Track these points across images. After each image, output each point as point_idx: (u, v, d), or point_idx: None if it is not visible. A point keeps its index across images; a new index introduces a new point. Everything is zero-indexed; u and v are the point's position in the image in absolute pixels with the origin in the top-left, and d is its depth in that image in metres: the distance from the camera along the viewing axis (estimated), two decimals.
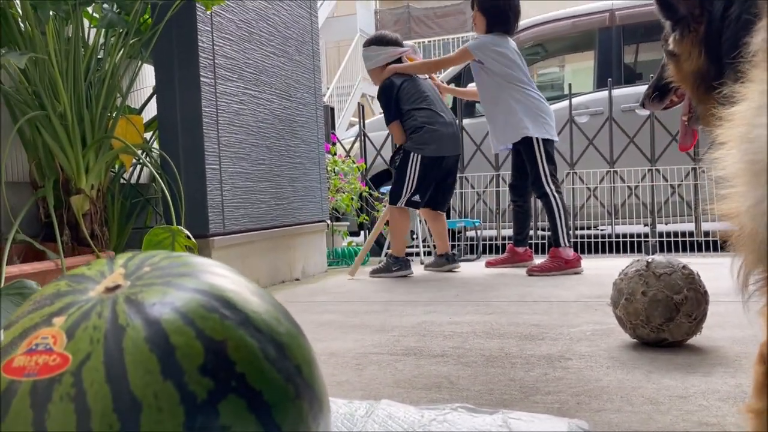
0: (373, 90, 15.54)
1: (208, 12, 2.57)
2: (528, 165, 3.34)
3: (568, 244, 3.30)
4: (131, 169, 2.95)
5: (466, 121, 4.90)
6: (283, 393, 0.56)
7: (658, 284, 1.51)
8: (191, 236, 2.21)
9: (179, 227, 2.18)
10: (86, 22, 2.62)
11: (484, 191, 4.87)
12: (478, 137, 4.72)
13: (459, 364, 1.51)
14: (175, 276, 0.59)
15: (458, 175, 4.78)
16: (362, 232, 5.35)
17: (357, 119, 5.21)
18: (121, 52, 2.56)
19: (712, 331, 1.69)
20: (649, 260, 1.56)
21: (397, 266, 3.40)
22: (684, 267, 1.55)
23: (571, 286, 2.73)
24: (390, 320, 2.11)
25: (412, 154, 3.35)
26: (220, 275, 0.62)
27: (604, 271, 3.27)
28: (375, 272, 3.46)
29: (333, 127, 5.12)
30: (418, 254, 4.36)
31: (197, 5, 2.59)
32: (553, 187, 3.33)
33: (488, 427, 0.94)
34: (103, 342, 0.52)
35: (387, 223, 3.65)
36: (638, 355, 1.52)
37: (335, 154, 4.66)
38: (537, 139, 3.32)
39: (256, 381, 0.55)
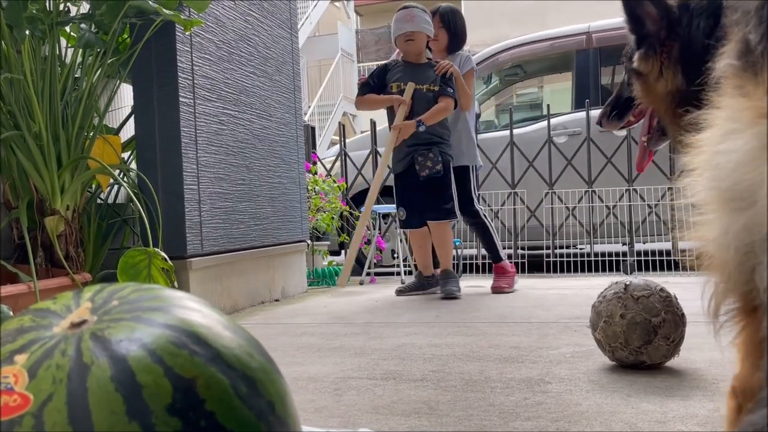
0: (354, 109, 15.52)
1: (187, 33, 2.56)
2: (459, 188, 3.35)
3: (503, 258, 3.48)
4: (108, 189, 2.91)
5: None
6: (254, 431, 0.55)
7: (636, 307, 1.52)
8: (168, 258, 2.18)
9: (155, 249, 2.15)
10: (63, 41, 2.60)
11: None
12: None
13: (438, 388, 1.50)
14: (144, 310, 0.58)
15: None
16: (342, 251, 5.33)
17: (338, 138, 5.22)
18: (99, 71, 2.54)
19: (690, 353, 1.70)
20: (628, 283, 1.57)
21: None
22: (662, 289, 1.56)
23: (551, 307, 2.74)
24: (370, 343, 2.09)
25: (450, 164, 3.29)
26: (191, 309, 0.60)
27: (583, 291, 3.28)
28: (410, 290, 3.39)
29: (314, 146, 5.12)
30: (398, 273, 4.34)
31: (176, 25, 2.58)
32: (481, 208, 3.51)
33: None
34: (66, 382, 0.51)
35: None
36: (617, 378, 1.52)
37: (316, 173, 4.65)
38: (473, 166, 3.50)
39: (227, 420, 0.53)
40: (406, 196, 3.37)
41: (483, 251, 4.69)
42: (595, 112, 4.76)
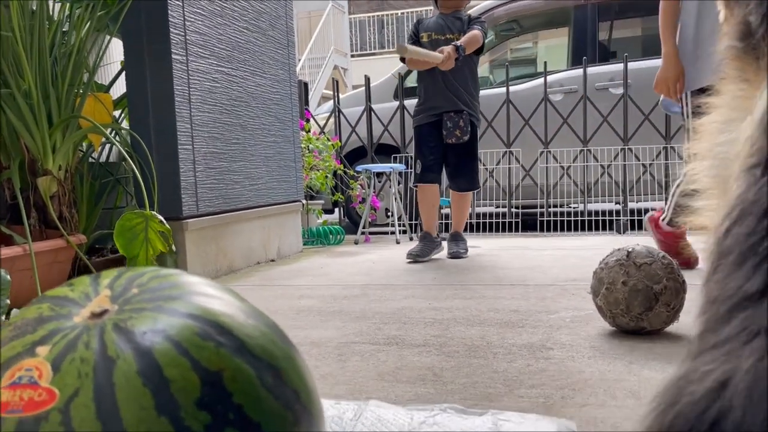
0: (345, 62, 15.23)
1: None
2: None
3: None
4: (100, 148, 2.86)
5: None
6: (281, 422, 0.54)
7: (638, 274, 1.52)
8: (164, 221, 2.16)
9: (152, 212, 2.13)
10: None
11: None
12: None
13: (441, 354, 1.51)
14: (165, 299, 0.56)
15: None
16: (336, 210, 5.32)
17: (329, 92, 5.14)
18: (88, 25, 2.46)
19: (688, 317, 1.71)
20: (630, 250, 1.57)
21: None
22: (664, 257, 1.56)
23: (547, 269, 2.75)
24: (370, 306, 2.10)
25: (477, 130, 3.30)
26: (212, 296, 0.59)
27: (577, 252, 3.31)
28: (425, 255, 3.18)
29: (306, 102, 5.04)
30: (392, 233, 4.35)
31: None
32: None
33: (478, 429, 0.93)
34: (92, 376, 0.49)
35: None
36: (618, 344, 1.54)
37: (309, 131, 4.59)
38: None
39: (254, 412, 0.52)
40: (427, 150, 3.26)
41: (479, 209, 4.71)
42: (593, 69, 4.72)
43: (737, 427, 0.38)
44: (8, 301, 1.87)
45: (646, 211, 4.65)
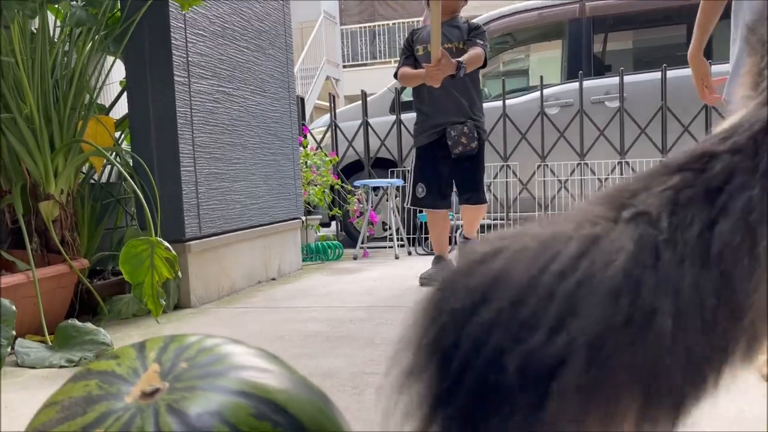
0: (337, 73, 15.21)
1: (184, 12, 2.47)
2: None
3: None
4: (101, 169, 2.84)
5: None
6: None
7: None
8: (170, 247, 2.14)
9: (158, 239, 2.11)
10: (50, 16, 2.48)
11: None
12: None
13: None
14: (216, 376, 0.55)
15: None
16: (333, 223, 5.30)
17: (322, 102, 5.14)
18: (89, 46, 2.44)
19: None
20: None
21: None
22: None
23: None
24: (377, 330, 2.08)
25: (484, 141, 3.12)
26: (262, 369, 0.58)
27: None
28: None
29: (303, 117, 5.03)
30: (391, 247, 4.34)
31: (169, 0, 2.48)
32: None
33: None
34: None
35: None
36: None
37: (307, 146, 4.58)
38: None
39: None
40: (431, 172, 3.06)
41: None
42: (588, 83, 4.74)
43: None
44: (13, 332, 1.85)
45: None
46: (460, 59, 2.80)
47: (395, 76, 3.08)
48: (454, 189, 3.22)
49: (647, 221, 0.49)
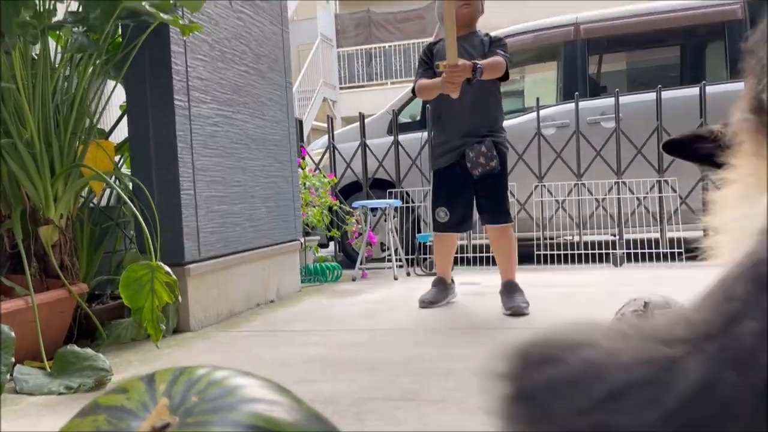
0: (334, 95, 15.36)
1: (185, 37, 2.49)
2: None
3: None
4: (101, 193, 2.84)
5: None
6: None
7: None
8: (170, 271, 2.14)
9: (159, 263, 2.10)
10: (51, 42, 2.50)
11: None
12: None
13: (463, 412, 1.49)
14: (227, 410, 0.55)
15: (431, 188, 4.78)
16: (331, 244, 5.30)
17: (319, 123, 5.17)
18: (90, 70, 2.46)
19: None
20: (647, 300, 1.57)
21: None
22: (681, 307, 1.56)
23: (551, 310, 2.75)
24: (379, 354, 2.07)
25: (506, 157, 2.95)
26: (272, 402, 0.57)
27: (577, 289, 3.31)
28: (437, 302, 2.94)
29: (301, 139, 5.05)
30: (390, 268, 4.33)
31: (170, 26, 2.50)
32: None
33: None
34: None
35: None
36: None
37: (305, 168, 4.60)
38: None
39: None
40: (452, 194, 2.90)
41: (476, 242, 4.71)
42: (584, 104, 4.78)
43: None
44: (12, 359, 1.83)
45: (642, 242, 4.69)
46: (478, 63, 2.61)
47: (413, 91, 2.93)
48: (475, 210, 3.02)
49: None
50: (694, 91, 4.57)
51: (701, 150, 1.27)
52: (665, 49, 5.83)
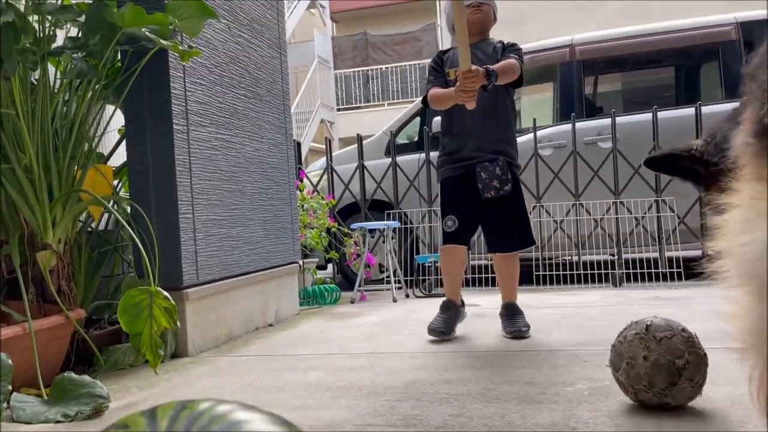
0: (332, 116, 15.49)
1: (184, 63, 2.50)
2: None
3: None
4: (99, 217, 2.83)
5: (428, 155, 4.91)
6: None
7: (659, 348, 1.51)
8: (169, 296, 2.12)
9: (157, 288, 2.09)
10: (50, 67, 2.51)
11: None
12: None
13: None
14: None
15: (429, 209, 4.79)
16: (329, 265, 5.29)
17: (317, 145, 5.18)
18: (89, 95, 2.46)
19: (708, 389, 1.69)
20: (649, 323, 1.56)
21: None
22: (683, 330, 1.55)
23: (550, 331, 2.73)
24: (379, 379, 2.05)
25: (519, 176, 2.79)
26: None
27: (577, 309, 3.29)
28: (451, 328, 2.71)
29: (300, 161, 5.06)
30: (389, 289, 4.31)
31: (169, 51, 2.51)
32: None
33: None
34: None
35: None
36: (642, 422, 1.51)
37: (303, 189, 4.60)
38: None
39: None
40: (460, 203, 2.71)
41: (474, 263, 4.69)
42: (581, 125, 4.80)
43: None
44: (10, 387, 1.81)
45: (641, 262, 4.69)
46: (492, 68, 2.46)
47: (424, 101, 2.79)
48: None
49: None
50: (689, 111, 4.61)
51: (681, 164, 1.26)
52: (660, 70, 5.88)
